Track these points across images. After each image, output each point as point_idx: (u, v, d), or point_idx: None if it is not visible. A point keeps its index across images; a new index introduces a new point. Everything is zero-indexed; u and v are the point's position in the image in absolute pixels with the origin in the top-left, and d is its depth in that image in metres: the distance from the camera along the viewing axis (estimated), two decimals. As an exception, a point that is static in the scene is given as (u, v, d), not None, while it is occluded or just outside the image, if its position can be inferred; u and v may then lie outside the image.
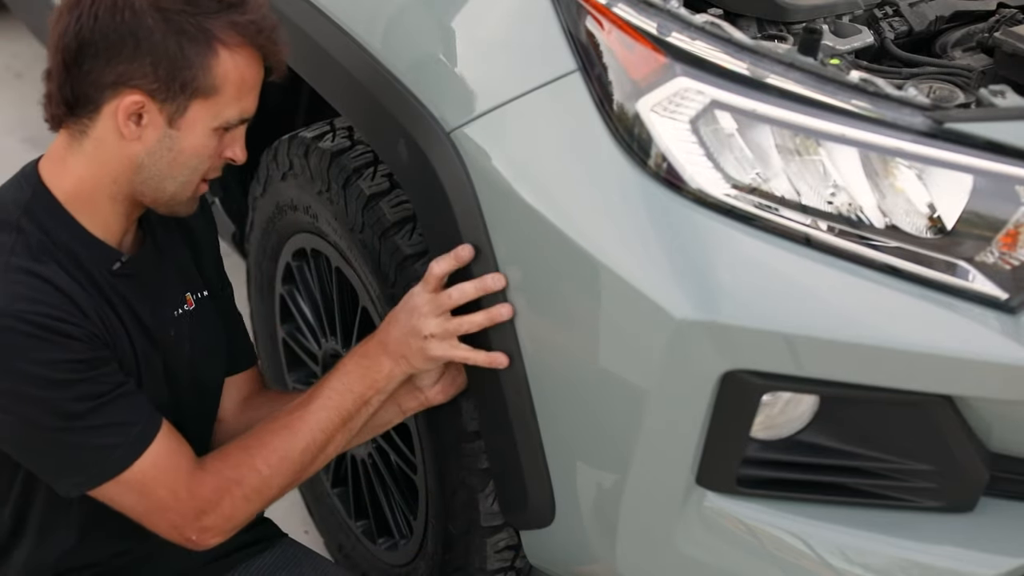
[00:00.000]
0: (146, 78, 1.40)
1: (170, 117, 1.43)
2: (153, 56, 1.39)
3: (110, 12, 1.38)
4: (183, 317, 1.62)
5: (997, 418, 1.43)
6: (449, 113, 1.54)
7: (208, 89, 1.42)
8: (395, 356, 1.59)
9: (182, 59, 1.39)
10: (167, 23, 1.38)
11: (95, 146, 1.45)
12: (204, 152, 1.47)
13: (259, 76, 1.48)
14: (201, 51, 1.40)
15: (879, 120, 1.35)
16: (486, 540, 1.80)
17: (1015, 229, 1.33)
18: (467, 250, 1.54)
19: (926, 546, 1.47)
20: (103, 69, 1.40)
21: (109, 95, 1.41)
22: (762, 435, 1.45)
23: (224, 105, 1.44)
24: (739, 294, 1.36)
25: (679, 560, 1.52)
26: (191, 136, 1.45)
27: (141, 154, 1.45)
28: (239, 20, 1.42)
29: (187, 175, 1.49)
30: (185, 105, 1.42)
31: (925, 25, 1.66)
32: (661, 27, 1.41)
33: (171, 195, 1.50)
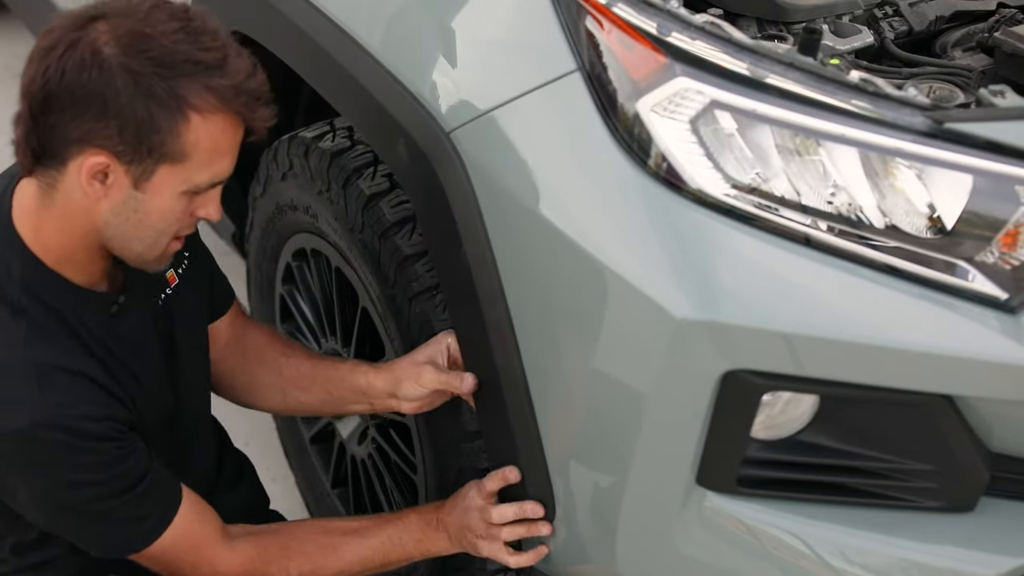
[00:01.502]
0: (111, 139, 1.32)
1: (136, 179, 1.36)
2: (120, 119, 1.31)
3: (78, 69, 1.31)
4: (168, 299, 1.61)
5: (997, 418, 1.43)
6: (449, 113, 1.54)
7: (177, 155, 1.35)
8: (453, 540, 1.69)
9: (150, 123, 1.32)
10: (136, 85, 1.30)
11: (64, 199, 1.39)
12: (171, 215, 1.41)
13: (236, 139, 1.40)
14: (171, 116, 1.32)
15: (879, 120, 1.35)
16: (486, 540, 1.80)
17: (1015, 229, 1.33)
18: (514, 473, 1.62)
19: (926, 546, 1.47)
20: (68, 124, 1.33)
21: (74, 151, 1.34)
22: (762, 435, 1.45)
23: (194, 170, 1.37)
24: (739, 294, 1.36)
25: (679, 560, 1.52)
26: (157, 200, 1.38)
27: (106, 212, 1.39)
28: (216, 84, 1.34)
29: (154, 237, 1.43)
30: (152, 169, 1.35)
31: (925, 25, 1.66)
32: (661, 27, 1.41)
33: (137, 254, 1.45)
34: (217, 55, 1.35)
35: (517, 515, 1.63)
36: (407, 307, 1.74)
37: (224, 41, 1.37)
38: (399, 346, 1.81)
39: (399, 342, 1.80)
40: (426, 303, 1.71)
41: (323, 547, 1.62)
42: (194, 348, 1.68)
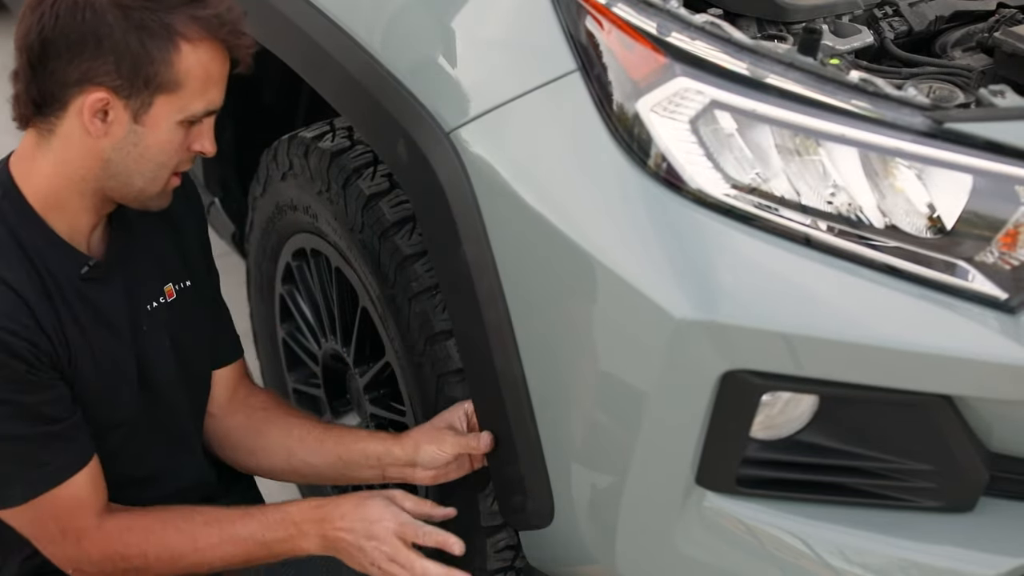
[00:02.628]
0: (109, 75, 1.40)
1: (135, 113, 1.43)
2: (115, 53, 1.39)
3: (71, 11, 1.38)
4: (159, 310, 1.62)
5: (997, 418, 1.43)
6: (448, 113, 1.54)
7: (171, 84, 1.42)
8: (327, 549, 1.58)
9: (144, 55, 1.39)
10: (127, 20, 1.38)
11: (62, 144, 1.45)
12: (170, 146, 1.47)
13: (224, 69, 1.47)
14: (163, 46, 1.40)
15: (879, 120, 1.35)
16: (486, 540, 1.80)
17: (1015, 229, 1.33)
18: (459, 547, 1.58)
19: (926, 546, 1.47)
20: (67, 68, 1.40)
21: (74, 93, 1.41)
22: (762, 435, 1.45)
23: (189, 99, 1.44)
24: (739, 294, 1.36)
25: (679, 560, 1.52)
26: (157, 131, 1.45)
27: (108, 150, 1.45)
28: (201, 14, 1.42)
29: (154, 170, 1.49)
30: (149, 101, 1.42)
31: (925, 25, 1.66)
32: (661, 27, 1.41)
33: (139, 190, 1.50)
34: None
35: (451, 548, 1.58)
36: (407, 307, 1.74)
37: None
38: (399, 346, 1.81)
39: (399, 342, 1.80)
40: (426, 303, 1.71)
41: (184, 534, 1.56)
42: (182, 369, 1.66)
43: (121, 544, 1.54)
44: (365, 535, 1.56)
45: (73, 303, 1.50)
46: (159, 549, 1.55)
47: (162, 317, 1.62)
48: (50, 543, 1.54)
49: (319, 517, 1.58)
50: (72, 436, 1.50)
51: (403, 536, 1.56)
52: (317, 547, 1.58)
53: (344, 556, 1.58)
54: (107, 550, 1.54)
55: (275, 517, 1.58)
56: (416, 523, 1.58)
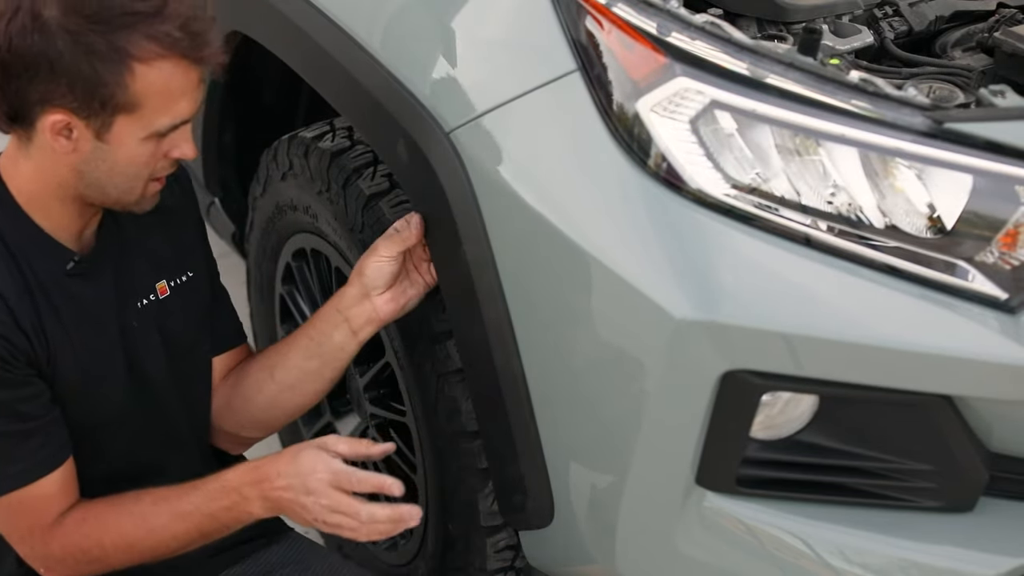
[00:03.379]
0: (65, 97, 1.38)
1: (97, 132, 1.41)
2: (68, 77, 1.37)
3: (20, 35, 1.36)
4: (150, 307, 1.61)
5: (997, 418, 1.43)
6: (448, 113, 1.54)
7: (129, 105, 1.39)
8: (272, 510, 1.52)
9: (95, 79, 1.37)
10: (76, 44, 1.35)
11: (39, 153, 1.45)
12: (140, 159, 1.45)
13: (188, 80, 1.43)
14: (115, 69, 1.37)
15: (879, 120, 1.35)
16: (486, 540, 1.80)
17: (1015, 229, 1.33)
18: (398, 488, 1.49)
19: (926, 546, 1.47)
20: (27, 88, 1.39)
21: (38, 111, 1.40)
22: (762, 435, 1.45)
23: (151, 117, 1.41)
24: (739, 294, 1.36)
25: (679, 560, 1.52)
26: (122, 148, 1.43)
27: (78, 163, 1.44)
28: (155, 31, 1.37)
29: (127, 181, 1.47)
30: (109, 121, 1.40)
31: (925, 25, 1.66)
32: (661, 27, 1.41)
33: (115, 199, 1.50)
34: (155, 3, 1.39)
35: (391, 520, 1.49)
36: (407, 307, 1.74)
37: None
38: (399, 346, 1.81)
39: (399, 341, 1.80)
40: (426, 303, 1.71)
41: (134, 517, 1.52)
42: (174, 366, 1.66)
43: (79, 536, 1.52)
44: (303, 490, 1.50)
45: (56, 300, 1.50)
46: (114, 536, 1.52)
47: (153, 314, 1.61)
48: (20, 541, 1.54)
49: (257, 479, 1.52)
50: (48, 435, 1.49)
51: (339, 485, 1.49)
52: (262, 509, 1.52)
53: (290, 514, 1.53)
54: (67, 545, 1.52)
55: (215, 487, 1.53)
56: (350, 470, 1.51)
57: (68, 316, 1.51)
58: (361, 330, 1.69)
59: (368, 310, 1.67)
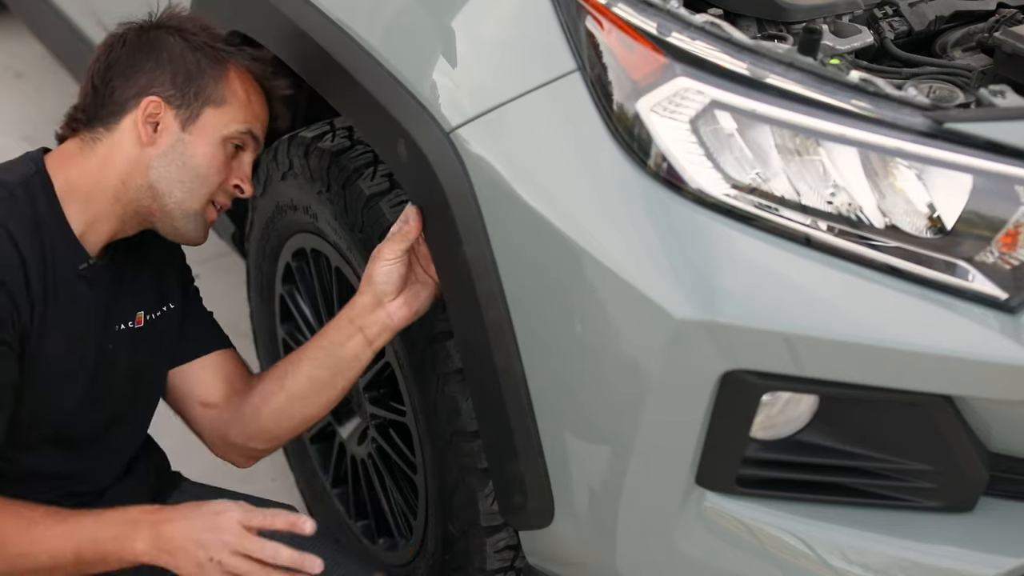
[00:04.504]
0: (164, 85, 1.57)
1: (183, 123, 1.58)
2: (172, 65, 1.58)
3: (137, 34, 1.60)
4: (125, 333, 1.65)
5: (997, 418, 1.43)
6: (449, 113, 1.54)
7: (218, 99, 1.59)
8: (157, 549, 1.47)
9: (196, 69, 1.59)
10: (187, 42, 1.60)
11: (109, 150, 1.57)
12: (213, 161, 1.60)
13: (263, 108, 1.66)
14: (215, 66, 1.60)
15: (879, 120, 1.35)
16: (486, 540, 1.80)
17: (1015, 229, 1.33)
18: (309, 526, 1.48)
19: (926, 546, 1.47)
20: (126, 84, 1.57)
21: (131, 105, 1.57)
22: (762, 435, 1.45)
23: (232, 116, 1.61)
24: (739, 294, 1.36)
25: (679, 560, 1.52)
26: (201, 143, 1.59)
27: (153, 158, 1.57)
28: (248, 62, 1.64)
29: (195, 181, 1.59)
30: (198, 111, 1.58)
31: (925, 25, 1.66)
32: (661, 27, 1.41)
33: (178, 202, 1.59)
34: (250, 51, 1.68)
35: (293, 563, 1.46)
36: (407, 307, 1.74)
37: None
38: (399, 346, 1.81)
39: (399, 342, 1.80)
40: (430, 303, 1.71)
41: (21, 520, 1.48)
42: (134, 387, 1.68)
43: None
44: (206, 527, 1.46)
45: (60, 292, 1.54)
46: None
47: (126, 340, 1.65)
48: None
49: (155, 511, 1.50)
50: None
51: (249, 523, 1.47)
52: (146, 546, 1.47)
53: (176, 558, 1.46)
54: None
55: (114, 514, 1.51)
56: (261, 508, 1.49)
57: (61, 311, 1.54)
58: (377, 338, 1.69)
59: (382, 317, 1.67)
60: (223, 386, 1.77)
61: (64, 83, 3.56)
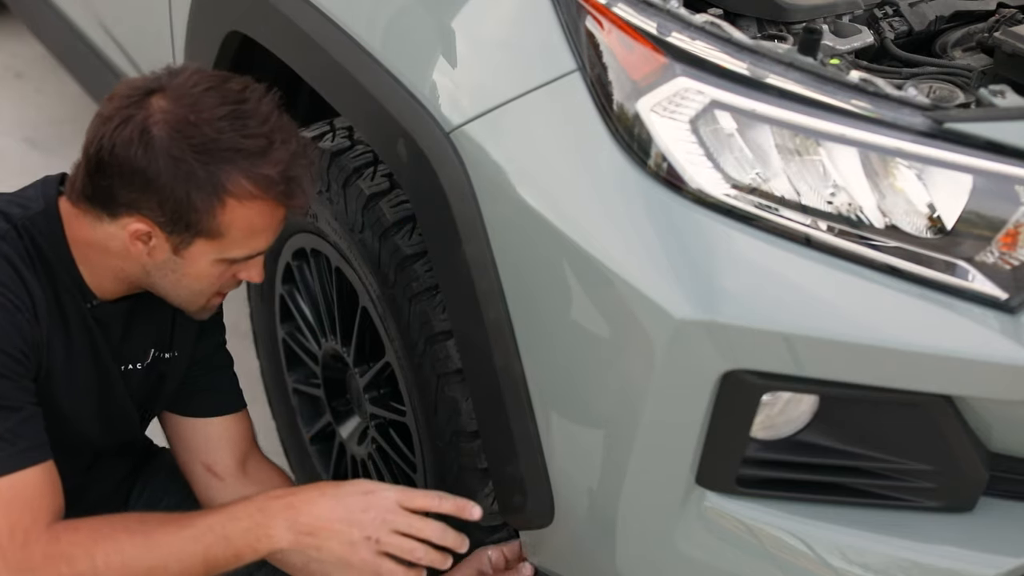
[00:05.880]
0: (153, 211, 1.43)
1: (175, 247, 1.47)
2: (160, 195, 1.42)
3: (126, 145, 1.41)
4: (133, 372, 1.65)
5: (997, 418, 1.43)
6: (449, 113, 1.54)
7: (213, 232, 1.45)
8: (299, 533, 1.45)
9: (187, 203, 1.42)
10: (177, 169, 1.40)
11: (108, 237, 1.49)
12: (208, 279, 1.52)
13: (273, 220, 1.49)
14: (207, 199, 1.42)
15: (879, 120, 1.35)
16: (486, 540, 1.80)
17: (1015, 229, 1.33)
18: (477, 511, 1.53)
19: (926, 546, 1.47)
20: (118, 189, 1.43)
21: (122, 212, 1.45)
22: (762, 435, 1.45)
23: (229, 246, 1.47)
24: (739, 294, 1.36)
25: (679, 560, 1.52)
26: (195, 266, 1.49)
27: (148, 266, 1.50)
28: (256, 172, 1.42)
29: (191, 295, 1.54)
30: (190, 240, 1.46)
31: (925, 25, 1.66)
32: (661, 27, 1.41)
33: (178, 303, 1.56)
34: (261, 142, 1.43)
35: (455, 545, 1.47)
36: (407, 307, 1.74)
37: (272, 126, 1.45)
38: (399, 346, 1.81)
39: (399, 342, 1.80)
40: (426, 303, 1.71)
41: (135, 535, 1.45)
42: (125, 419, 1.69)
43: (68, 543, 1.43)
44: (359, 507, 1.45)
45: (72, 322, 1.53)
46: (108, 549, 1.43)
47: (136, 379, 1.65)
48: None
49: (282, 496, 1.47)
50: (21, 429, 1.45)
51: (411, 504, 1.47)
52: (284, 530, 1.44)
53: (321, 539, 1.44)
54: (53, 554, 1.42)
55: (240, 506, 1.48)
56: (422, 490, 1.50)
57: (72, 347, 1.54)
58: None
59: None
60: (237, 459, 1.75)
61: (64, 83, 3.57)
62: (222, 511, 1.49)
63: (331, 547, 1.46)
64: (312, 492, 1.50)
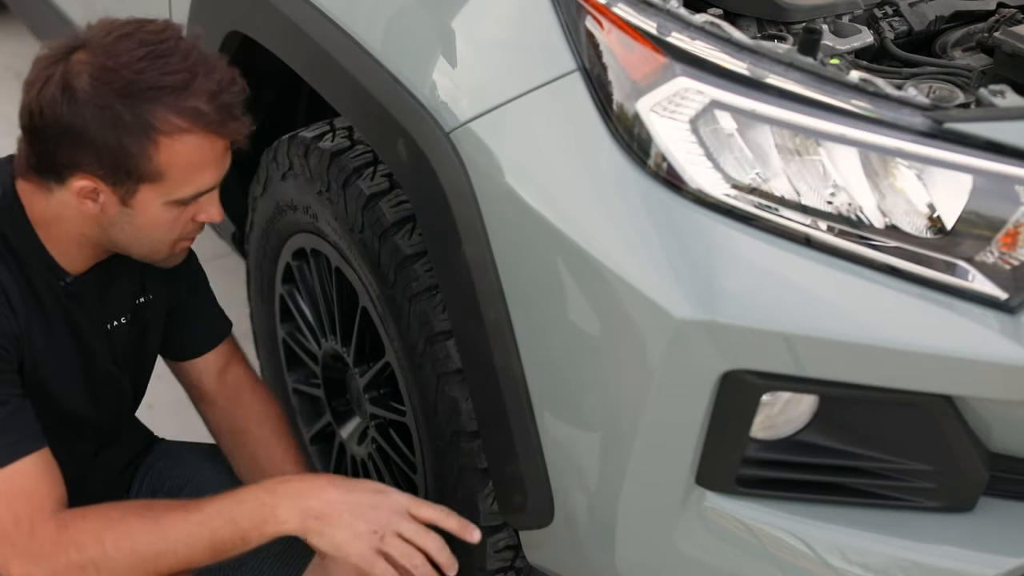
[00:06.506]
0: (92, 165, 1.42)
1: (122, 198, 1.45)
2: (94, 147, 1.41)
3: (51, 105, 1.40)
4: (118, 329, 1.65)
5: (997, 418, 1.43)
6: (448, 113, 1.54)
7: (153, 175, 1.43)
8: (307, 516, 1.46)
9: (121, 151, 1.40)
10: (103, 116, 1.39)
11: (60, 205, 1.48)
12: (164, 225, 1.50)
13: (213, 153, 1.46)
14: (139, 142, 1.40)
15: (879, 120, 1.35)
16: (486, 540, 1.79)
17: (1015, 229, 1.33)
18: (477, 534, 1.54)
19: (926, 546, 1.47)
20: (55, 151, 1.43)
21: (66, 174, 1.44)
22: (762, 435, 1.45)
23: (173, 186, 1.45)
24: (739, 294, 1.36)
25: (678, 560, 1.52)
26: (145, 214, 1.47)
27: (104, 221, 1.49)
28: (184, 105, 1.41)
29: (152, 244, 1.53)
30: (134, 188, 1.44)
31: (925, 25, 1.66)
32: (661, 27, 1.41)
33: (142, 256, 1.55)
34: (183, 76, 1.41)
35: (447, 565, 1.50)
36: (407, 307, 1.74)
37: (194, 60, 1.43)
38: (399, 346, 1.81)
39: (399, 342, 1.80)
40: (426, 303, 1.71)
41: (145, 521, 1.46)
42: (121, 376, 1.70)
43: (78, 529, 1.44)
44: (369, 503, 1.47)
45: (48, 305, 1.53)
46: (118, 534, 1.44)
47: (120, 335, 1.66)
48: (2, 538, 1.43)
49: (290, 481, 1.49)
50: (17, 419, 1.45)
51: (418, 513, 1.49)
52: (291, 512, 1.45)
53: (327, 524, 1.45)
54: (60, 538, 1.43)
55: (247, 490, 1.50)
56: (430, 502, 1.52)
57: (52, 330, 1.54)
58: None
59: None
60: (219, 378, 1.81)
61: (64, 83, 3.55)
62: (229, 495, 1.50)
63: (334, 534, 1.47)
64: (321, 480, 1.52)
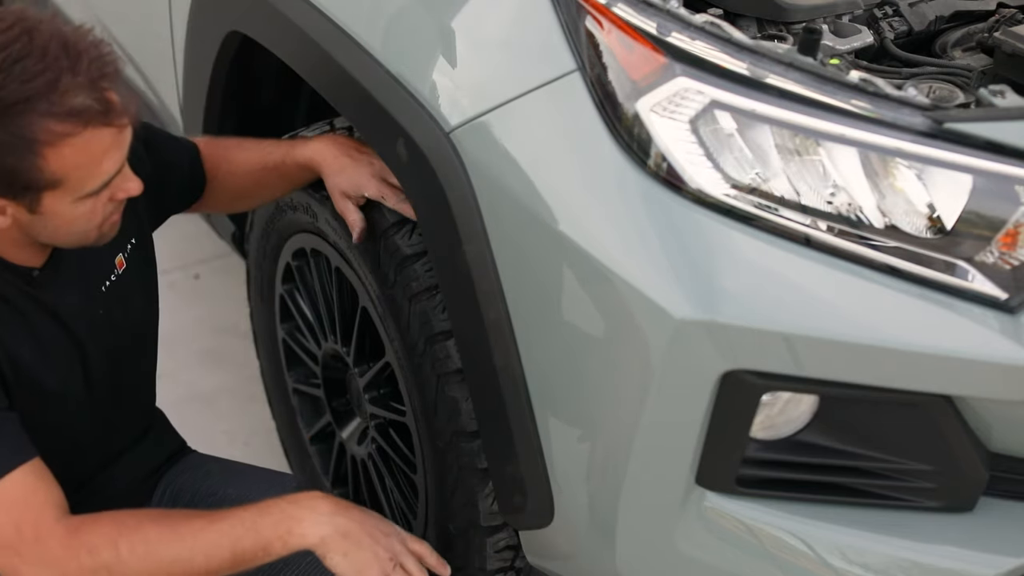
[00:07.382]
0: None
1: (29, 207, 1.40)
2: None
3: None
4: (113, 286, 1.61)
5: (997, 418, 1.43)
6: (448, 113, 1.54)
7: (50, 183, 1.38)
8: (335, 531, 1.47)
9: (10, 171, 1.35)
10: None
11: None
12: (81, 218, 1.44)
13: (104, 142, 1.39)
14: (25, 159, 1.34)
15: (879, 120, 1.35)
16: (486, 540, 1.80)
17: (1015, 229, 1.33)
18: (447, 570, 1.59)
19: (926, 546, 1.47)
20: None
21: None
22: (762, 435, 1.45)
23: (76, 186, 1.39)
24: (739, 294, 1.36)
25: (678, 560, 1.52)
26: (58, 216, 1.42)
27: (24, 227, 1.44)
28: (56, 109, 1.33)
29: (77, 236, 1.48)
30: (36, 198, 1.39)
31: (925, 25, 1.66)
32: (661, 27, 1.41)
33: (75, 245, 1.50)
34: (47, 78, 1.33)
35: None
36: (407, 307, 1.74)
37: (54, 54, 1.34)
38: (399, 346, 1.81)
39: (399, 342, 1.80)
40: (426, 303, 1.71)
41: (162, 527, 1.43)
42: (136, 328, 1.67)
43: (92, 534, 1.41)
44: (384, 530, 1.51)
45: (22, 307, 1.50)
46: (133, 539, 1.42)
47: (116, 293, 1.61)
48: (7, 548, 1.41)
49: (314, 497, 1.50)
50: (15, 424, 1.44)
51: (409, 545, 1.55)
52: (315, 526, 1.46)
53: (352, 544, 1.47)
54: (70, 543, 1.40)
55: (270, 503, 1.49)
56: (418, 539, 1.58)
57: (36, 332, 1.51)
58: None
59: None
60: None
61: (64, 83, 3.55)
62: (252, 507, 1.49)
63: (358, 555, 1.48)
64: (341, 502, 1.52)
